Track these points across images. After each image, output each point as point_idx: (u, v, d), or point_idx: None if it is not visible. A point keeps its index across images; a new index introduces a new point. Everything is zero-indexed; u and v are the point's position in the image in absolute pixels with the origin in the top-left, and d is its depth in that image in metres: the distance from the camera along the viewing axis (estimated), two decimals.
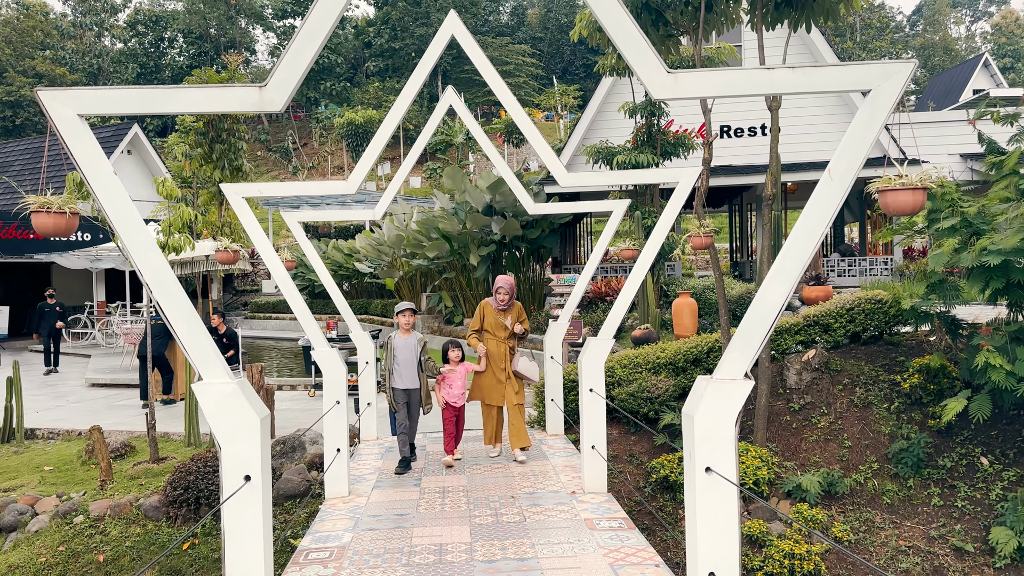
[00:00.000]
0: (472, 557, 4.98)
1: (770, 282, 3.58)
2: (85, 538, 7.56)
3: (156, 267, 3.59)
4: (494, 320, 7.83)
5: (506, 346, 7.83)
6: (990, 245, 6.35)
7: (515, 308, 7.94)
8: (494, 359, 7.80)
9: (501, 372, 7.77)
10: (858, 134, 3.47)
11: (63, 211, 3.68)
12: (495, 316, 7.85)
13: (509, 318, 7.87)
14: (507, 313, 7.88)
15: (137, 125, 26.56)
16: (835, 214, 3.54)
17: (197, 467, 7.80)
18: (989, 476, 7.82)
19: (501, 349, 7.82)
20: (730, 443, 3.52)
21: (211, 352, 3.66)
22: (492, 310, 7.86)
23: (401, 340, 7.50)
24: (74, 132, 3.47)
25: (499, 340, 7.82)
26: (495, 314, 7.85)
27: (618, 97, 18.09)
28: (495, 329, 7.82)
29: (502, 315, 7.87)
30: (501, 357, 7.81)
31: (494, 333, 7.83)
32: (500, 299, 7.77)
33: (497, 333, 7.82)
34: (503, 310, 7.86)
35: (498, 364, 7.79)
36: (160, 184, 8.40)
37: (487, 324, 7.84)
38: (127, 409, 11.98)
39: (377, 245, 22.13)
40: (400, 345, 7.48)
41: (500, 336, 7.83)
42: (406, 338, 7.52)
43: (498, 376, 7.79)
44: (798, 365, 8.92)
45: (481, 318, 7.90)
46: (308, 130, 57.55)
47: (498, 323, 7.84)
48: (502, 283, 7.79)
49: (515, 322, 7.87)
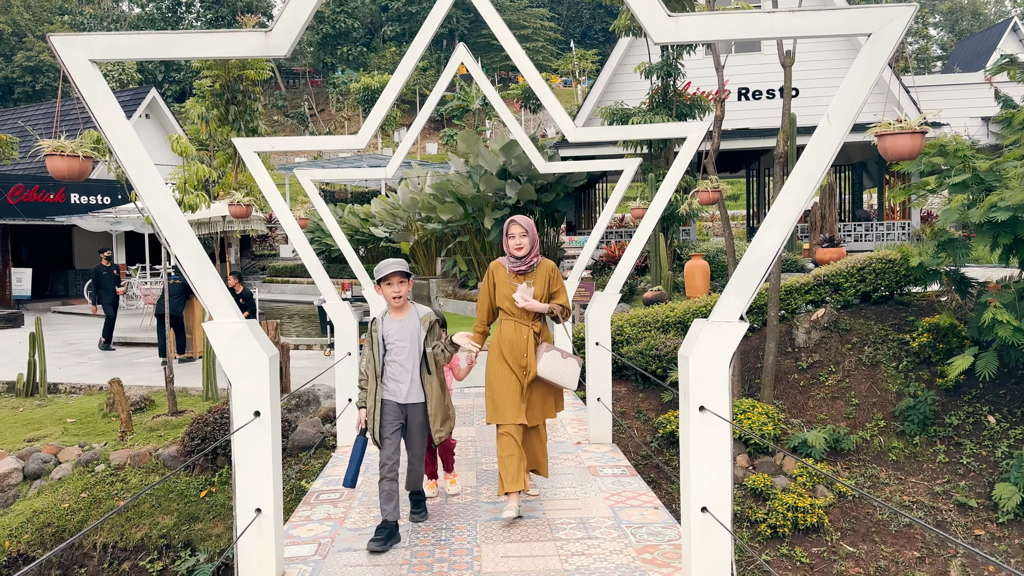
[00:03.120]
0: (477, 499, 5.13)
1: (767, 227, 3.64)
2: (106, 485, 7.80)
3: (166, 209, 3.70)
4: (511, 291, 4.92)
5: (529, 332, 4.90)
6: (999, 201, 6.34)
7: (543, 270, 4.98)
8: (512, 352, 4.90)
9: (522, 372, 4.88)
10: (858, 78, 3.49)
11: (76, 154, 3.78)
12: (509, 285, 4.92)
13: (534, 286, 4.92)
14: (528, 277, 4.94)
15: (155, 89, 26.67)
16: (832, 159, 3.57)
17: (214, 419, 8.00)
18: (996, 434, 7.86)
19: (521, 337, 4.89)
20: (724, 383, 3.60)
21: (222, 294, 3.78)
22: (505, 275, 4.95)
23: (394, 323, 4.59)
24: (86, 77, 3.56)
25: (518, 322, 4.91)
26: (509, 281, 4.94)
27: (634, 59, 17.94)
28: (512, 306, 4.91)
29: (520, 281, 4.94)
30: (521, 351, 4.88)
31: (510, 312, 4.93)
32: (515, 248, 4.87)
33: (514, 311, 4.92)
34: (522, 271, 4.92)
35: (517, 360, 4.88)
36: (175, 141, 8.51)
37: (500, 298, 4.97)
38: (146, 366, 12.24)
39: (392, 209, 22.22)
40: (393, 331, 4.58)
41: (519, 317, 4.92)
42: (401, 319, 4.60)
43: (517, 380, 4.88)
44: (807, 324, 8.95)
45: (490, 290, 5.02)
46: (325, 96, 57.44)
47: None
48: (517, 226, 4.90)
49: (544, 293, 4.93)
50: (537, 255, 4.97)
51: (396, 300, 4.53)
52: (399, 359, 4.57)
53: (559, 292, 4.98)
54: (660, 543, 4.30)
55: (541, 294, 4.90)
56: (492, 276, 5.02)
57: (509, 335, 4.92)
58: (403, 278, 4.54)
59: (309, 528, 4.74)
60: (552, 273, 4.97)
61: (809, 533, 7.26)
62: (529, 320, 4.92)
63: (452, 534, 4.51)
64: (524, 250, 4.88)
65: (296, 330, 17.01)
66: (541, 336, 4.97)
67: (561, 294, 4.98)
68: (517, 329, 4.92)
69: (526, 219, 4.93)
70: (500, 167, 17.17)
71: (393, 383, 4.58)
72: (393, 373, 4.58)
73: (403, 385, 4.57)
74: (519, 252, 4.87)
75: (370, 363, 4.60)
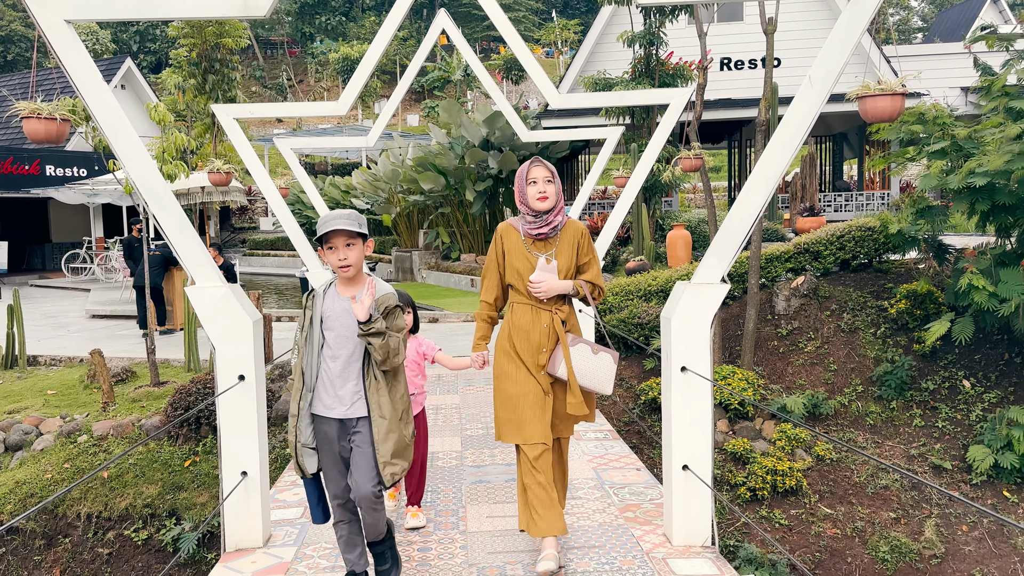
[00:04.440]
0: (463, 463, 5.18)
1: (749, 188, 3.67)
2: (89, 456, 7.79)
3: (147, 174, 3.67)
4: (525, 263, 3.67)
5: (551, 319, 3.68)
6: (977, 167, 6.41)
7: (571, 234, 3.72)
8: (527, 346, 3.67)
9: (540, 372, 3.68)
10: (839, 39, 3.51)
11: (54, 117, 3.73)
12: (526, 254, 3.68)
13: (556, 258, 3.66)
14: (551, 244, 3.69)
15: (131, 59, 26.22)
16: (814, 119, 3.60)
17: (197, 389, 7.98)
18: (970, 398, 8.01)
19: (540, 325, 3.67)
20: (705, 343, 3.65)
21: (204, 257, 3.76)
22: (519, 241, 3.70)
23: (339, 302, 3.23)
24: (63, 39, 3.51)
25: (536, 306, 3.69)
26: (525, 249, 3.69)
27: (617, 28, 17.83)
28: (526, 285, 3.67)
29: (539, 248, 3.69)
30: (539, 344, 3.67)
31: (525, 292, 3.69)
32: (537, 197, 3.58)
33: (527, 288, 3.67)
34: (543, 235, 3.66)
35: (534, 357, 3.67)
36: (153, 109, 8.38)
37: (511, 272, 3.71)
38: (127, 338, 12.17)
39: (374, 181, 22.08)
40: (336, 313, 3.23)
41: (537, 299, 3.68)
42: (348, 294, 3.23)
43: (537, 382, 3.68)
44: (787, 291, 9.05)
45: (498, 261, 3.76)
46: (303, 66, 56.73)
47: (530, 266, 3.66)
48: (540, 167, 3.64)
49: (572, 265, 3.67)
50: (563, 212, 3.69)
51: (344, 270, 3.15)
52: (341, 354, 3.17)
53: (590, 264, 3.72)
54: (642, 502, 4.37)
55: (568, 267, 3.64)
56: (500, 242, 3.74)
57: (524, 323, 3.67)
58: (351, 238, 3.14)
59: (295, 492, 4.78)
60: (582, 239, 3.70)
61: (788, 496, 7.40)
62: (551, 302, 3.67)
63: (438, 496, 4.56)
64: (549, 201, 3.59)
65: (278, 303, 16.95)
66: (568, 325, 3.71)
67: (592, 266, 3.73)
68: (535, 315, 3.66)
69: (550, 169, 3.67)
70: (483, 138, 17.08)
71: (329, 390, 3.18)
72: (330, 375, 3.17)
73: (343, 392, 3.16)
74: (542, 203, 3.58)
75: (302, 354, 3.24)
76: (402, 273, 20.43)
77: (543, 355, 3.68)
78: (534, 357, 3.68)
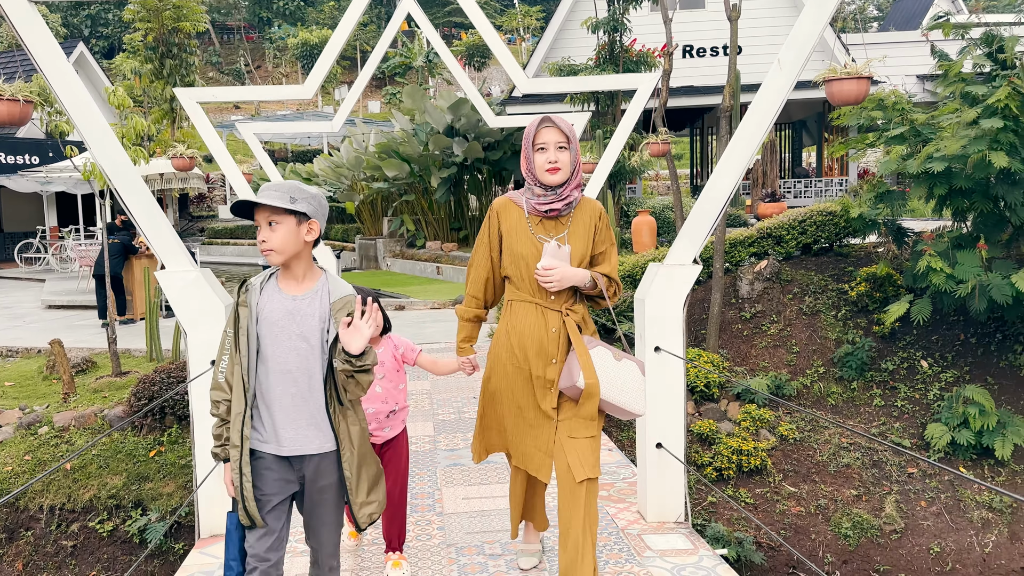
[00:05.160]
0: (436, 447, 5.19)
1: (719, 172, 3.72)
2: (51, 447, 7.64)
3: (115, 157, 3.60)
4: (530, 247, 2.98)
5: (561, 322, 2.97)
6: (935, 152, 6.57)
7: (586, 214, 3.03)
8: (531, 355, 2.96)
9: (544, 389, 2.96)
10: (807, 24, 3.57)
11: (16, 98, 3.64)
12: (531, 236, 2.99)
13: (569, 242, 2.97)
14: (562, 224, 3.00)
15: (83, 44, 25.54)
16: (783, 104, 3.66)
17: (161, 378, 7.87)
18: (928, 378, 8.24)
19: (547, 328, 2.97)
20: (678, 324, 3.71)
21: (174, 242, 3.71)
22: (521, 220, 3.02)
23: (282, 301, 2.48)
24: (24, 19, 3.42)
25: (541, 304, 2.98)
26: (528, 230, 3.00)
27: (580, 15, 17.85)
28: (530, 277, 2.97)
29: (548, 230, 3.01)
30: (547, 352, 2.97)
31: (527, 286, 2.99)
32: (548, 167, 2.89)
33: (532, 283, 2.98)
34: (553, 212, 2.97)
35: (540, 368, 2.97)
36: (111, 94, 8.19)
37: (510, 260, 3.02)
38: (86, 328, 11.93)
39: (336, 168, 21.85)
40: (276, 314, 2.47)
41: (544, 294, 2.97)
42: (296, 296, 2.49)
43: (538, 401, 2.97)
44: (750, 275, 9.19)
45: (492, 246, 3.07)
46: (261, 52, 55.80)
47: (536, 252, 2.96)
48: (552, 129, 2.92)
49: (587, 253, 3.00)
50: (580, 187, 2.97)
51: (266, 254, 2.41)
52: (287, 369, 2.43)
53: (607, 253, 3.02)
54: (615, 481, 4.44)
55: (582, 255, 2.91)
56: (497, 221, 2.99)
57: (527, 326, 2.90)
58: (275, 215, 2.37)
59: None
60: (600, 222, 3.00)
61: (753, 475, 7.55)
62: (561, 299, 2.91)
63: (413, 480, 4.57)
64: (562, 173, 2.86)
65: None
66: (582, 327, 2.97)
67: (609, 256, 3.03)
68: (542, 317, 2.90)
69: (567, 127, 2.92)
70: (447, 124, 17.01)
71: (266, 417, 2.45)
72: (273, 396, 2.44)
73: (292, 421, 2.44)
74: (554, 176, 2.85)
75: (232, 370, 2.45)
76: (366, 261, 20.30)
77: (552, 368, 2.86)
78: (541, 371, 2.86)
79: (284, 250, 2.40)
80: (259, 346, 2.43)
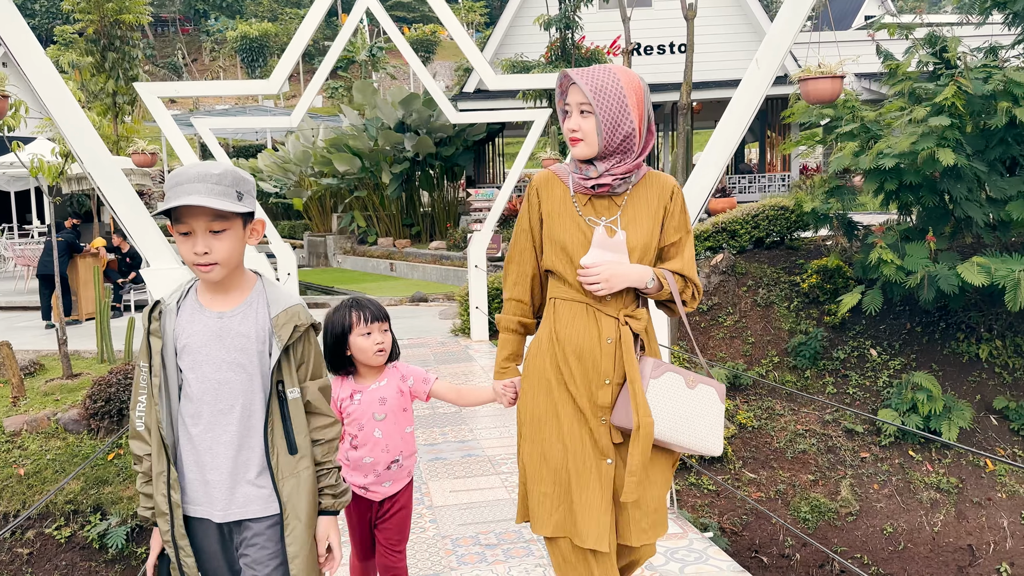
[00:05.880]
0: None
1: (702, 166, 3.83)
2: (3, 453, 7.39)
3: (95, 149, 3.53)
4: (578, 233, 2.21)
5: (617, 329, 2.19)
6: (886, 149, 6.83)
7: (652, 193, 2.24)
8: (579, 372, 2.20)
9: (597, 419, 2.19)
10: (783, 24, 3.70)
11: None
12: (578, 220, 2.23)
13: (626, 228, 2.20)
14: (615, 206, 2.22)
15: None
16: (761, 101, 3.79)
17: (117, 379, 7.69)
18: (877, 366, 8.57)
19: (598, 337, 2.20)
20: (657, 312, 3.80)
21: (158, 239, 3.66)
22: (567, 200, 2.26)
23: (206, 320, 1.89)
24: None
25: (594, 307, 2.21)
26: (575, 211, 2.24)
27: (530, 11, 17.94)
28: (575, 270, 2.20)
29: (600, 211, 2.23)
30: (599, 370, 2.19)
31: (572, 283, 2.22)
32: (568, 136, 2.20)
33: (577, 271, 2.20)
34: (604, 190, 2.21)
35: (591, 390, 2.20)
36: None
37: (551, 251, 2.26)
38: (29, 330, 11.53)
39: (282, 163, 21.52)
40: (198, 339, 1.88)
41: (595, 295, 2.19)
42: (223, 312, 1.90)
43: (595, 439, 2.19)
44: (707, 269, 9.41)
45: (534, 232, 2.32)
46: (198, 45, 54.47)
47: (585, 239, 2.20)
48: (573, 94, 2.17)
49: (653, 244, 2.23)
50: (641, 164, 2.24)
51: (205, 270, 1.84)
52: (217, 409, 1.89)
53: (680, 245, 2.30)
54: None
55: (645, 246, 2.22)
56: (537, 200, 2.31)
57: (574, 333, 2.22)
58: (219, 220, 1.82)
59: None
60: (671, 203, 2.27)
61: (714, 463, 7.76)
62: (619, 302, 2.23)
63: None
64: (586, 144, 2.18)
65: None
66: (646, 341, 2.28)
67: (684, 248, 2.30)
68: (594, 322, 2.21)
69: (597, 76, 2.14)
70: (398, 120, 16.92)
71: (195, 471, 1.91)
72: (203, 446, 1.90)
73: (228, 477, 1.89)
74: (575, 148, 2.21)
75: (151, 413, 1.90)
76: (316, 258, 20.05)
77: (605, 390, 2.17)
78: (590, 392, 2.18)
79: (230, 262, 1.85)
80: (180, 382, 1.87)
